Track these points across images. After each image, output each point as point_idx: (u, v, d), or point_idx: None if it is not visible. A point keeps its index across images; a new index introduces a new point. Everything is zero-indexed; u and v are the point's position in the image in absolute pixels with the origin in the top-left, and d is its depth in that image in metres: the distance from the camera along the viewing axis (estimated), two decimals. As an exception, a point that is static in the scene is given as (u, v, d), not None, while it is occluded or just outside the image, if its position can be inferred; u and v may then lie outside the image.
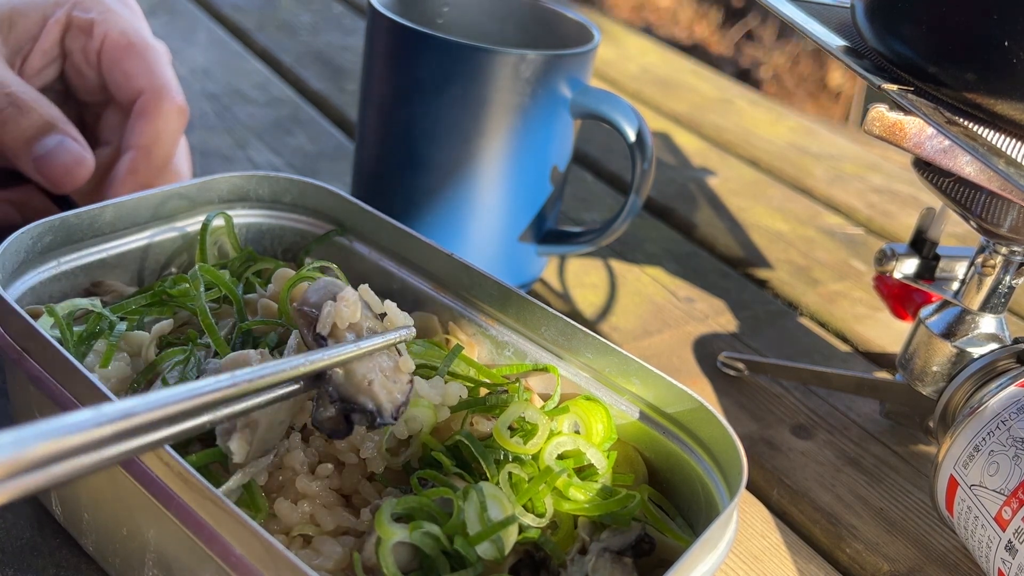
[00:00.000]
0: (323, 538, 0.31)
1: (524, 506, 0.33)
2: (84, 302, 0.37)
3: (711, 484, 0.34)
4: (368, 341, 0.32)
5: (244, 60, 0.85)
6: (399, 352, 0.34)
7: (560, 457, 0.35)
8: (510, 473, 0.33)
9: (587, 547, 0.32)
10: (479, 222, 0.52)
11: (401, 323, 0.35)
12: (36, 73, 0.48)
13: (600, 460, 0.35)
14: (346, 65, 0.88)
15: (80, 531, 0.35)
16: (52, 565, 0.35)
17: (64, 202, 0.48)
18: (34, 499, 0.37)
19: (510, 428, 0.35)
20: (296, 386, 0.30)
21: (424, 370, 0.38)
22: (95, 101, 0.51)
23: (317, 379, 0.31)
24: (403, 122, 0.51)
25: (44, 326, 0.35)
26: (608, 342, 0.36)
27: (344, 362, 0.31)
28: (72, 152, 0.44)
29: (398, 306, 0.42)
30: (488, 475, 0.33)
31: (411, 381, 0.33)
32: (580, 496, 0.34)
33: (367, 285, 0.35)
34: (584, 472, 0.35)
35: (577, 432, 0.36)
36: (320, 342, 0.32)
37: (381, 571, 0.29)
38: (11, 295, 0.36)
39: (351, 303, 0.33)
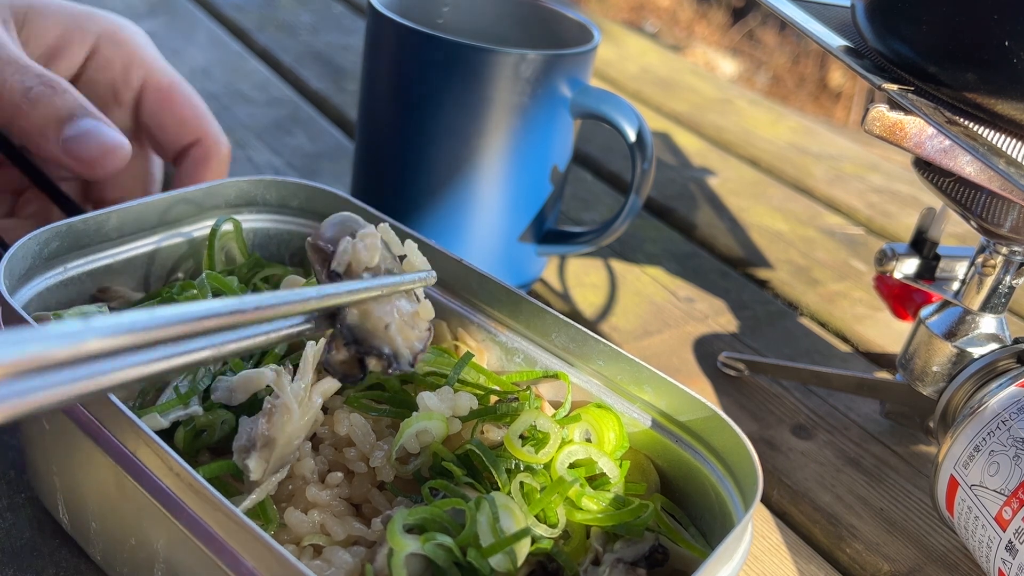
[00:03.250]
0: (334, 548, 0.31)
1: (536, 516, 0.32)
2: (91, 308, 0.37)
3: (724, 493, 0.33)
4: (386, 280, 0.30)
5: (244, 60, 0.85)
6: (418, 298, 0.32)
7: (572, 466, 0.34)
8: (522, 483, 0.33)
9: (600, 558, 0.32)
10: (479, 222, 0.52)
11: (421, 267, 0.33)
12: None
13: (612, 469, 0.34)
14: (346, 65, 0.88)
15: (87, 540, 0.35)
16: (52, 565, 0.35)
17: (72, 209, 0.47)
18: (36, 501, 0.38)
19: (521, 437, 0.34)
20: (308, 325, 0.28)
21: (434, 377, 0.38)
22: None
23: (330, 319, 0.29)
24: (403, 122, 0.51)
25: None
26: (620, 349, 0.36)
27: (360, 301, 0.29)
28: (108, 135, 0.42)
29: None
30: (499, 484, 0.33)
31: (430, 329, 0.32)
32: (593, 506, 0.33)
33: (387, 224, 0.34)
34: (596, 481, 0.35)
35: (588, 441, 0.36)
36: (335, 280, 0.30)
37: None
38: (18, 301, 0.36)
39: (370, 242, 0.30)
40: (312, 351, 0.34)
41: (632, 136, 0.50)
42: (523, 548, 0.30)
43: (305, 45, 0.91)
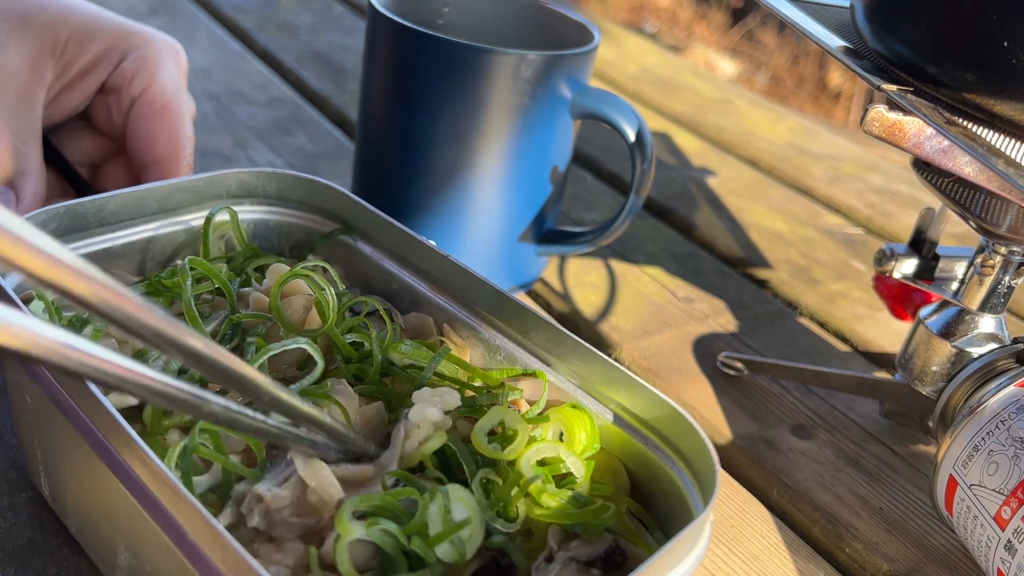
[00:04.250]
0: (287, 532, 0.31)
1: (497, 512, 0.32)
2: None
3: (689, 498, 0.33)
4: None
5: (244, 60, 0.85)
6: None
7: (541, 464, 0.34)
8: (486, 479, 0.33)
9: (554, 555, 0.32)
10: (479, 222, 0.52)
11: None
12: (67, 103, 0.48)
13: (579, 468, 0.34)
14: (346, 65, 0.88)
15: (65, 513, 0.36)
16: (52, 564, 0.35)
17: (87, 193, 0.48)
18: (37, 500, 0.38)
19: (492, 433, 0.34)
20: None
21: (413, 371, 0.38)
22: (110, 141, 0.51)
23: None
24: (403, 122, 0.51)
25: (36, 310, 0.35)
26: (594, 349, 0.36)
27: None
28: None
29: (396, 307, 0.42)
30: (468, 479, 0.33)
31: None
32: (552, 503, 0.33)
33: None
34: (564, 481, 0.35)
35: (561, 439, 0.36)
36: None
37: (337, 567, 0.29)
38: (12, 279, 0.37)
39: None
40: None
41: (632, 136, 0.50)
42: (474, 540, 0.30)
43: (305, 45, 0.91)
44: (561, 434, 0.36)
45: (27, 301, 0.36)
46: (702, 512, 0.30)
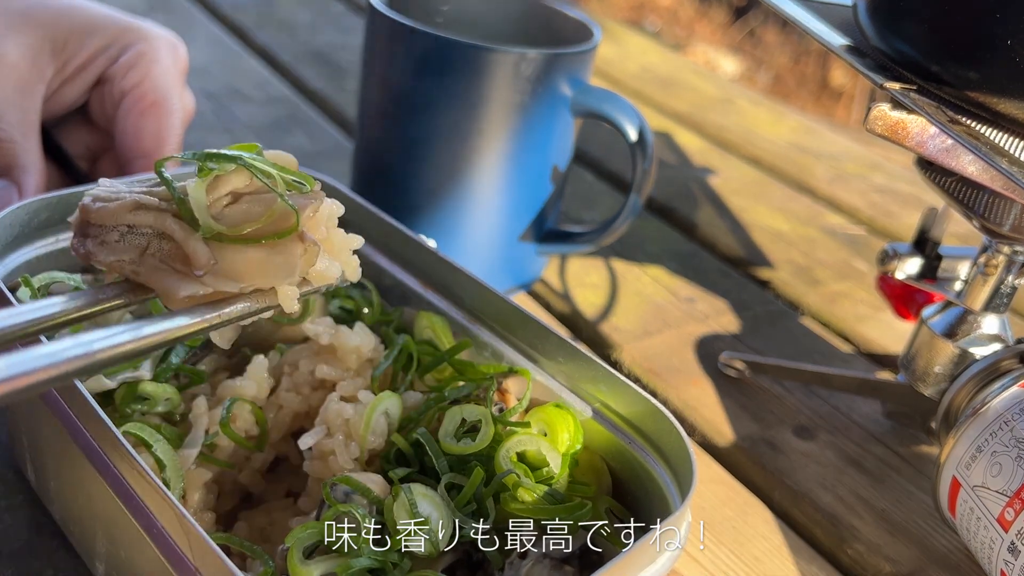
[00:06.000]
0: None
1: (473, 508, 0.32)
2: (61, 275, 0.37)
3: (669, 494, 0.33)
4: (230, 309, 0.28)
5: (243, 59, 0.85)
6: None
7: (521, 457, 0.34)
8: (452, 482, 0.33)
9: (529, 552, 0.32)
10: (479, 221, 0.52)
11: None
12: (66, 96, 0.48)
13: (556, 463, 0.34)
14: (345, 64, 0.88)
15: (49, 499, 0.36)
16: (49, 567, 0.35)
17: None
18: (34, 502, 0.37)
19: (475, 429, 0.35)
20: None
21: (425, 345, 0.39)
22: (107, 134, 0.51)
23: None
24: (403, 121, 0.50)
25: (23, 297, 0.36)
26: (577, 346, 0.36)
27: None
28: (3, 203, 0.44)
29: (386, 300, 0.42)
30: (439, 472, 0.33)
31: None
32: (528, 498, 0.33)
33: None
34: (544, 477, 0.35)
35: (545, 435, 0.36)
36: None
37: None
38: (6, 267, 0.37)
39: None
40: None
41: (633, 135, 0.50)
42: (443, 535, 0.30)
43: (304, 44, 0.91)
44: (545, 434, 0.36)
45: (14, 289, 0.36)
46: (679, 508, 0.30)
